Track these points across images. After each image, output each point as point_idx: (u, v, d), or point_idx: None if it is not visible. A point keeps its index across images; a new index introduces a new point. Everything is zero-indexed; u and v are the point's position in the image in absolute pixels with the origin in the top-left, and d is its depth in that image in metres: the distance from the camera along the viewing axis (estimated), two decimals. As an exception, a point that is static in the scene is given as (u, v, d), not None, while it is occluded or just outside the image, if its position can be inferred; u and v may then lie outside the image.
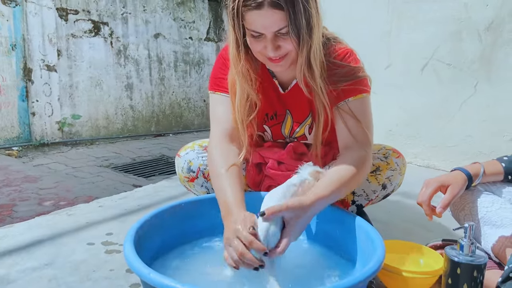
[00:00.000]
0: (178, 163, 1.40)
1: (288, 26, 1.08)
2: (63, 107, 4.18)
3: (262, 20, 1.08)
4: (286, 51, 1.13)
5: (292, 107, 1.33)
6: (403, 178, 1.38)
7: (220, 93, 1.29)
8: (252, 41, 1.14)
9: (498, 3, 2.23)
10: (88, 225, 1.55)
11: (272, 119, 1.35)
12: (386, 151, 1.35)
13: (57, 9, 4.03)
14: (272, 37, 1.10)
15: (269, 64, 1.18)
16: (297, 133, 1.36)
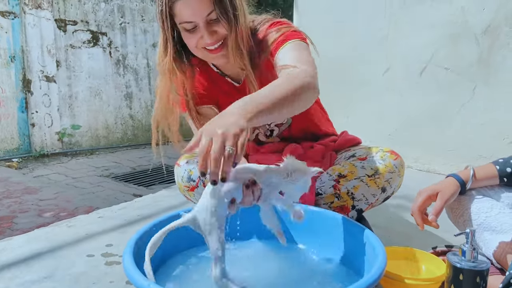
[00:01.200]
0: (178, 172, 1.39)
1: (215, 9, 1.10)
2: (63, 118, 4.18)
3: (190, 8, 1.10)
4: (222, 36, 1.15)
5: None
6: (402, 180, 1.37)
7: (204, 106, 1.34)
8: (187, 36, 1.16)
9: (495, 6, 2.23)
10: (88, 237, 1.54)
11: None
12: (384, 153, 1.34)
13: (56, 20, 4.05)
14: (205, 24, 1.12)
15: (210, 57, 1.20)
16: None
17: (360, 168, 1.29)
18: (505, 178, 1.17)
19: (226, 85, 1.36)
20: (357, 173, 1.29)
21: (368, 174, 1.28)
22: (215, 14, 1.11)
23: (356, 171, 1.29)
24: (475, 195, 1.22)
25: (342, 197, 1.29)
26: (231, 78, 1.34)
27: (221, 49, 1.17)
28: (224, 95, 1.36)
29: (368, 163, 1.30)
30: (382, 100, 2.73)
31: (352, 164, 1.31)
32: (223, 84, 1.36)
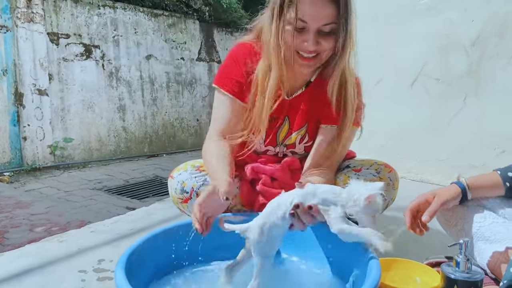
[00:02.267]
0: (171, 184, 1.38)
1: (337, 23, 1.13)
2: (55, 131, 4.16)
3: (315, 10, 1.11)
4: (323, 49, 1.17)
5: (292, 114, 1.35)
6: (396, 193, 1.38)
7: (225, 93, 1.31)
8: (291, 33, 1.16)
9: (483, 18, 2.27)
10: (80, 252, 1.52)
11: (271, 121, 1.35)
12: (378, 166, 1.35)
13: (48, 34, 4.05)
14: (315, 31, 1.13)
15: (299, 62, 1.20)
16: (289, 140, 1.38)
17: (355, 179, 1.29)
18: (507, 183, 1.16)
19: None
20: None
21: None
22: (332, 26, 1.13)
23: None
24: (469, 205, 1.23)
25: None
26: (284, 87, 1.31)
27: (313, 60, 1.19)
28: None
29: (363, 175, 1.30)
30: (374, 111, 2.73)
31: (346, 175, 1.32)
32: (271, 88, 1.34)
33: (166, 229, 1.13)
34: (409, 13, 2.56)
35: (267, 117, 1.28)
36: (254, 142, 1.34)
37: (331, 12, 1.11)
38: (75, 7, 4.25)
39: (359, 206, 0.91)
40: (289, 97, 1.34)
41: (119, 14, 4.61)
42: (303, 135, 1.36)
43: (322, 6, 1.10)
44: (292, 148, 1.40)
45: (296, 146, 1.39)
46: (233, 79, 1.31)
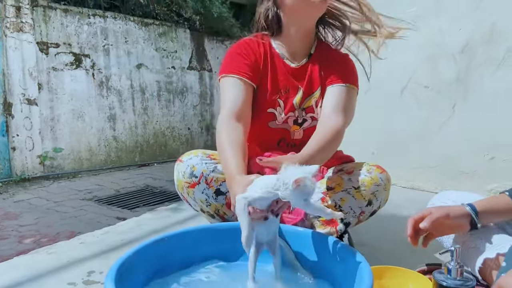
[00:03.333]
0: (180, 168, 1.37)
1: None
2: (45, 141, 4.11)
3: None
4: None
5: (303, 81, 1.45)
6: (388, 194, 1.38)
7: (234, 75, 1.38)
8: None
9: (471, 26, 2.30)
10: (69, 264, 1.50)
11: (286, 93, 1.44)
12: (370, 167, 1.36)
13: (38, 43, 4.02)
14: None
15: (311, 6, 1.33)
16: (305, 103, 1.45)
17: (347, 181, 1.31)
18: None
19: (282, 66, 1.45)
20: (344, 186, 1.31)
21: (355, 186, 1.30)
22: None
23: (343, 184, 1.32)
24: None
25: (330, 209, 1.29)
26: (289, 60, 1.46)
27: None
28: (276, 75, 1.44)
29: (355, 176, 1.32)
30: (364, 118, 2.76)
31: (339, 176, 1.33)
32: (279, 64, 1.45)
33: (157, 240, 1.12)
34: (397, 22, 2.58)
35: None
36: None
37: None
38: (65, 17, 4.23)
39: (289, 190, 0.91)
40: (297, 66, 1.45)
41: (109, 23, 4.60)
42: (317, 98, 1.44)
43: None
44: (311, 112, 1.45)
45: (314, 110, 1.45)
46: (237, 65, 1.40)
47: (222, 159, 1.23)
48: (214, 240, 1.17)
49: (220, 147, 1.26)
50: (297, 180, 0.90)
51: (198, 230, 1.19)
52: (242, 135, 1.29)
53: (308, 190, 0.92)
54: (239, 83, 1.37)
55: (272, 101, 1.43)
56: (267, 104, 1.43)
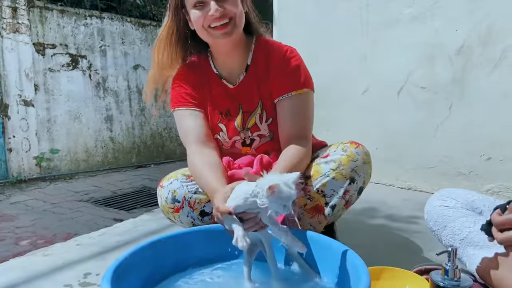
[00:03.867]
0: (161, 194, 1.37)
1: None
2: (41, 142, 4.10)
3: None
4: (229, 14, 1.23)
5: (242, 99, 1.39)
6: (370, 168, 1.36)
7: (181, 108, 1.38)
8: (196, 14, 1.24)
9: (467, 28, 2.31)
10: (65, 266, 1.49)
11: (227, 115, 1.40)
12: (344, 145, 1.35)
13: (34, 44, 4.01)
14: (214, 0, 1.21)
15: (216, 34, 1.26)
16: (248, 123, 1.40)
17: (324, 164, 1.30)
18: None
19: (220, 88, 1.39)
20: (322, 171, 1.29)
21: (333, 168, 1.28)
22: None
23: (320, 170, 1.30)
24: (458, 209, 1.23)
25: (313, 197, 1.29)
26: (227, 80, 1.39)
27: (227, 27, 1.24)
28: (214, 98, 1.40)
29: (331, 158, 1.31)
30: (362, 119, 2.77)
31: (316, 163, 1.32)
32: (216, 87, 1.39)
33: (153, 241, 1.12)
34: (394, 23, 2.59)
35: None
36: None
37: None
38: (61, 18, 4.22)
39: (265, 196, 0.92)
40: (234, 85, 1.38)
41: (106, 24, 4.59)
42: (260, 114, 1.38)
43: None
44: (257, 130, 1.40)
45: (260, 128, 1.40)
46: (181, 95, 1.39)
47: (202, 182, 1.23)
48: (211, 241, 1.16)
49: (196, 174, 1.27)
50: (271, 187, 0.90)
51: (196, 231, 1.19)
52: (216, 156, 1.31)
53: (284, 195, 0.91)
54: (190, 113, 1.37)
55: (214, 127, 1.41)
56: (212, 130, 1.41)
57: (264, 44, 1.39)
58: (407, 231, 1.77)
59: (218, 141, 1.43)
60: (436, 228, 1.26)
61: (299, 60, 1.36)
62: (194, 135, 1.34)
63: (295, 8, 3.06)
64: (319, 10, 2.93)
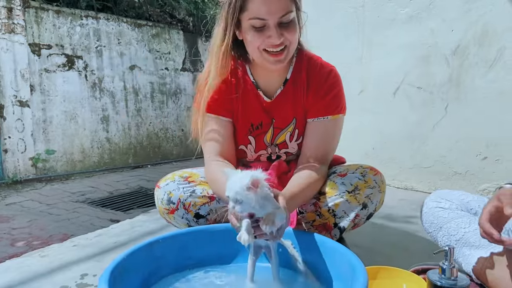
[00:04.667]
0: (158, 194, 1.37)
1: (294, 11, 1.16)
2: (37, 143, 4.08)
3: (268, 5, 1.12)
4: (288, 42, 1.19)
5: (277, 115, 1.36)
6: (384, 196, 1.37)
7: (215, 115, 1.34)
8: (253, 35, 1.18)
9: (462, 28, 2.32)
10: (62, 267, 1.48)
11: (258, 129, 1.38)
12: (364, 169, 1.34)
13: (30, 45, 3.99)
14: (276, 25, 1.14)
15: (269, 60, 1.21)
16: (278, 139, 1.39)
17: (340, 185, 1.29)
18: None
19: (255, 98, 1.36)
20: (337, 190, 1.29)
21: (348, 190, 1.28)
22: (289, 17, 1.15)
23: (336, 188, 1.29)
24: (453, 210, 1.23)
25: (323, 214, 1.28)
26: (263, 92, 1.36)
27: (282, 54, 1.20)
28: (248, 109, 1.36)
29: (348, 179, 1.30)
30: (358, 119, 2.77)
31: (332, 181, 1.32)
32: (251, 96, 1.36)
33: (151, 242, 1.11)
34: (390, 23, 2.60)
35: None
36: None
37: (285, 2, 1.14)
38: (57, 18, 4.21)
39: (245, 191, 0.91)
40: (271, 99, 1.35)
41: (102, 24, 4.58)
42: (291, 132, 1.37)
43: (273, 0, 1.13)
44: (285, 148, 1.40)
45: (288, 146, 1.39)
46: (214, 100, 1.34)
47: (218, 185, 1.21)
48: (210, 242, 1.16)
49: (212, 179, 1.26)
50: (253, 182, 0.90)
51: (193, 232, 1.19)
52: (231, 166, 1.30)
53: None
54: (217, 121, 1.34)
55: (242, 138, 1.39)
56: (239, 140, 1.39)
57: (307, 59, 1.35)
58: (404, 231, 1.78)
59: (242, 153, 1.41)
60: (432, 229, 1.26)
61: (340, 85, 1.34)
62: (215, 146, 1.33)
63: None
64: (315, 10, 2.93)
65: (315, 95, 1.31)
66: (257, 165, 1.39)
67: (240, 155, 1.42)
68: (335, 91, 1.32)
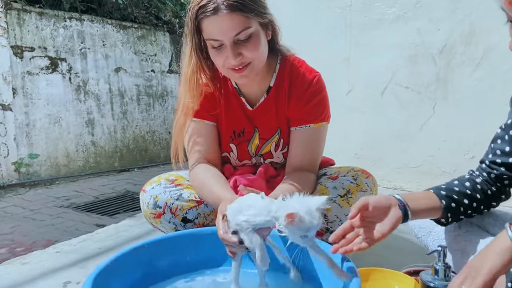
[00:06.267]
0: (144, 198, 1.33)
1: (251, 25, 1.10)
2: (20, 147, 3.99)
3: (219, 26, 1.08)
4: (248, 60, 1.14)
5: (260, 123, 1.34)
6: None
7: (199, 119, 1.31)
8: (214, 54, 1.15)
9: (449, 27, 2.32)
10: (44, 274, 1.43)
11: (240, 136, 1.35)
12: (355, 172, 1.33)
13: (12, 47, 3.91)
14: (232, 44, 1.10)
15: (234, 76, 1.19)
16: (263, 150, 1.36)
17: (332, 189, 1.27)
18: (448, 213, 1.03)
19: (238, 105, 1.33)
20: (329, 194, 1.27)
21: (340, 194, 1.26)
22: (246, 33, 1.10)
23: (327, 192, 1.27)
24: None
25: None
26: (246, 99, 1.33)
27: (245, 69, 1.16)
28: (231, 114, 1.33)
29: (340, 183, 1.29)
30: (346, 120, 2.77)
31: (323, 185, 1.30)
32: (234, 101, 1.33)
33: (136, 247, 1.08)
34: (377, 23, 2.60)
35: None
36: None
37: (238, 20, 1.08)
38: (40, 20, 4.13)
39: (283, 224, 0.83)
40: (253, 107, 1.32)
41: (86, 26, 4.52)
42: (277, 142, 1.34)
43: (226, 19, 1.07)
44: (270, 157, 1.37)
45: (273, 155, 1.36)
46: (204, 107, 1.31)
47: (205, 192, 1.19)
48: (197, 246, 1.13)
49: (199, 184, 1.24)
50: (290, 215, 0.80)
51: (180, 236, 1.15)
52: (218, 171, 1.28)
53: (305, 226, 0.82)
54: (202, 125, 1.32)
55: (225, 145, 1.37)
56: (222, 147, 1.37)
57: (290, 65, 1.31)
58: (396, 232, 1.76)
59: (226, 159, 1.40)
60: (421, 234, 1.25)
61: (323, 92, 1.31)
62: (200, 150, 1.31)
63: (277, 9, 3.03)
64: (301, 11, 2.92)
65: (296, 103, 1.28)
66: (243, 169, 1.37)
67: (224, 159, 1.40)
68: (318, 98, 1.28)
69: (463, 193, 1.04)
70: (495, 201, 1.09)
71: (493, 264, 0.72)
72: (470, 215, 1.07)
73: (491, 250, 0.75)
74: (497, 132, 1.10)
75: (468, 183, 1.07)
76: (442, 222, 1.06)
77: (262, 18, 1.14)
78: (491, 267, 0.71)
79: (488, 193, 1.07)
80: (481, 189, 1.06)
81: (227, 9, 1.06)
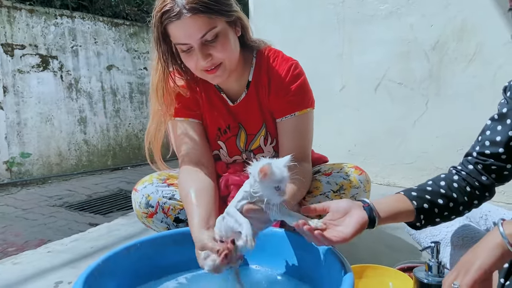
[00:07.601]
0: (136, 198, 1.32)
1: (217, 25, 1.08)
2: (11, 146, 3.96)
3: (184, 29, 1.07)
4: (219, 60, 1.13)
5: (244, 119, 1.32)
6: (369, 195, 1.36)
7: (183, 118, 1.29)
8: (185, 57, 1.14)
9: (442, 23, 2.32)
10: (35, 275, 1.41)
11: (226, 133, 1.34)
12: (348, 169, 1.33)
13: (2, 45, 3.87)
14: (200, 46, 1.09)
15: (207, 77, 1.18)
16: (252, 145, 1.35)
17: (325, 184, 1.28)
18: (422, 215, 0.99)
19: (220, 101, 1.31)
20: (322, 189, 1.27)
21: (333, 189, 1.26)
22: (212, 33, 1.08)
23: (321, 187, 1.27)
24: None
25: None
26: (227, 95, 1.31)
27: (216, 70, 1.14)
28: (214, 111, 1.31)
29: (333, 178, 1.29)
30: (340, 116, 2.76)
31: (317, 180, 1.30)
32: (215, 98, 1.31)
33: (128, 246, 1.06)
34: (370, 19, 2.59)
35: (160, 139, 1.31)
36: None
37: (202, 21, 1.06)
38: (31, 17, 4.09)
39: (258, 181, 0.89)
40: (234, 103, 1.31)
41: (78, 23, 4.48)
42: (265, 135, 1.33)
43: (190, 22, 1.06)
44: (260, 152, 1.36)
45: (263, 150, 1.36)
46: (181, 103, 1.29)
47: (187, 212, 1.15)
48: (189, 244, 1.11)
49: (183, 200, 1.19)
50: (263, 169, 0.86)
51: (172, 234, 1.14)
52: (208, 180, 1.21)
53: (277, 177, 0.88)
54: (187, 124, 1.29)
55: (212, 142, 1.35)
56: (211, 145, 1.35)
57: (266, 58, 1.29)
58: (389, 229, 1.76)
59: (217, 157, 1.37)
60: (413, 231, 1.25)
61: (302, 77, 1.28)
62: (188, 150, 1.28)
63: (271, 5, 3.03)
64: (294, 7, 2.91)
65: (277, 94, 1.26)
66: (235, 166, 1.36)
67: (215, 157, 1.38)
68: (297, 85, 1.25)
69: (436, 192, 1.00)
70: (477, 199, 1.03)
71: (484, 261, 0.72)
72: (447, 217, 1.01)
73: (482, 246, 0.75)
74: (486, 124, 1.08)
75: (443, 182, 1.02)
76: (417, 226, 1.01)
77: (228, 17, 1.12)
78: (481, 263, 0.72)
79: (467, 190, 1.01)
80: (458, 188, 1.01)
81: (190, 12, 1.04)
